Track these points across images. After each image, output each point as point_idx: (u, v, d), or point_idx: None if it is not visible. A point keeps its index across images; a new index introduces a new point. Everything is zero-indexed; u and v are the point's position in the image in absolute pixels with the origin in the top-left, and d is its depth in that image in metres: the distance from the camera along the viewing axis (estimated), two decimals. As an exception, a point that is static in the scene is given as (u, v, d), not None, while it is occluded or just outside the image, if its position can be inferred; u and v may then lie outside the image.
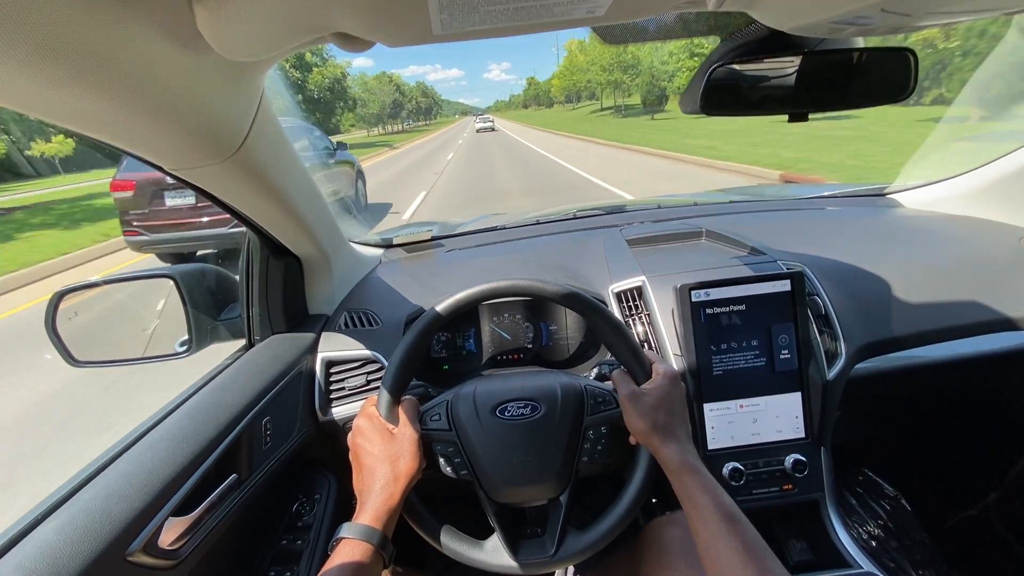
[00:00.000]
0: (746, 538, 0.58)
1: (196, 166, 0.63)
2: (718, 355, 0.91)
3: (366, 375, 1.00)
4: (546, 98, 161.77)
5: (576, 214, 1.55)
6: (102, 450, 0.68)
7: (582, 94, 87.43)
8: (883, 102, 0.69)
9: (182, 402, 0.80)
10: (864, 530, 1.39)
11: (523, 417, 0.76)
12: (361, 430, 0.74)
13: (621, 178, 10.22)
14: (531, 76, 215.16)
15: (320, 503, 0.98)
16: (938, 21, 0.49)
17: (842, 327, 0.97)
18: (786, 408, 0.91)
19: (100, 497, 0.59)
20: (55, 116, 0.45)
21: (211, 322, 0.97)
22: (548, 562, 0.73)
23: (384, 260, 1.36)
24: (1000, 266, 1.09)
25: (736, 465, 0.89)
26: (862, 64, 0.67)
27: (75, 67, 0.38)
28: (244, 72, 0.55)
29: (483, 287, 0.78)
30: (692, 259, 1.11)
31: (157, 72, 0.44)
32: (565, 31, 3.77)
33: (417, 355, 0.78)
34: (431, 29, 0.43)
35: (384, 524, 0.65)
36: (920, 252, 1.15)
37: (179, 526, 0.64)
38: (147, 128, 0.51)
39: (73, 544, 0.53)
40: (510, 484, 0.75)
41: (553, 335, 1.13)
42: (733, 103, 0.71)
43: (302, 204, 0.87)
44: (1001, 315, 1.02)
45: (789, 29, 0.52)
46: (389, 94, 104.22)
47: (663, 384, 0.74)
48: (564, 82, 78.97)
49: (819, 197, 1.62)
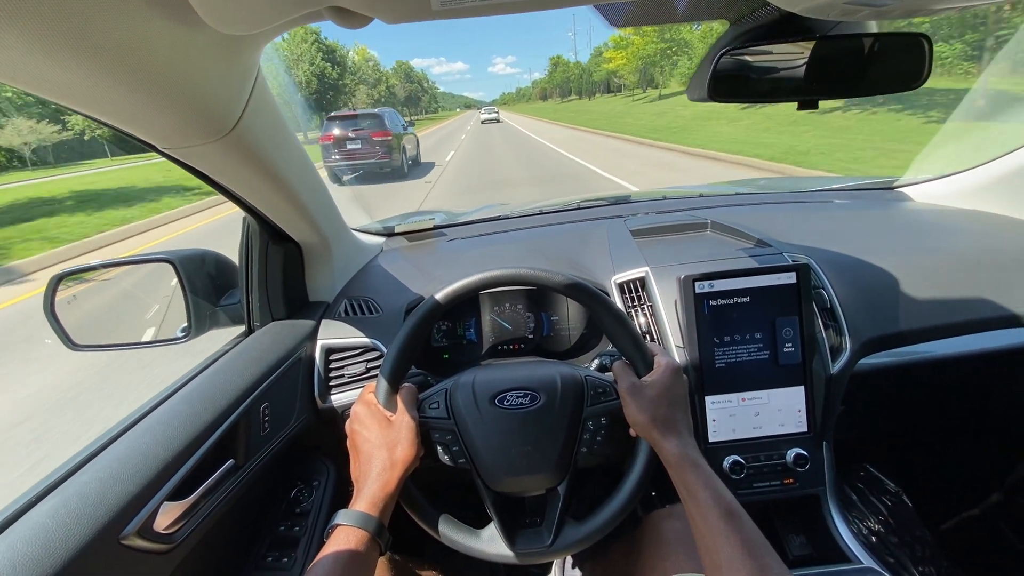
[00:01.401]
0: (745, 533, 0.58)
1: (190, 145, 0.62)
2: (721, 347, 0.90)
3: (365, 363, 1.00)
4: (585, 84, 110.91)
5: (580, 204, 1.54)
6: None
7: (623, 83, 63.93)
8: (896, 90, 0.67)
9: (180, 386, 0.79)
10: (864, 525, 1.39)
11: (522, 407, 0.75)
12: (359, 417, 0.74)
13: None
14: (557, 55, 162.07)
15: (318, 489, 0.98)
16: (955, 4, 0.47)
17: (847, 321, 0.96)
18: (789, 402, 0.90)
19: (95, 480, 0.59)
20: (44, 90, 0.44)
21: (210, 308, 0.97)
22: (545, 552, 0.73)
23: (386, 248, 1.35)
24: (1009, 262, 1.07)
25: (737, 458, 0.89)
26: (875, 51, 0.65)
27: (64, 39, 0.37)
28: (238, 47, 0.54)
29: (484, 275, 0.77)
30: (696, 250, 1.10)
31: (148, 46, 0.43)
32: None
33: (417, 343, 0.78)
34: (430, 5, 0.41)
35: (380, 511, 0.64)
36: (928, 246, 1.13)
37: (175, 510, 0.64)
38: (138, 105, 0.50)
39: (66, 527, 0.53)
40: (508, 473, 0.75)
41: (554, 325, 1.12)
42: (742, 90, 0.69)
43: (300, 188, 0.86)
44: (1008, 311, 1.01)
45: (801, 11, 0.50)
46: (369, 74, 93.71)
47: (665, 377, 0.73)
48: (631, 60, 49.22)
49: (827, 190, 1.59)
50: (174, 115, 0.55)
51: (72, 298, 0.90)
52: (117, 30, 0.40)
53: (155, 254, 0.93)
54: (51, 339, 0.87)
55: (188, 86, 0.52)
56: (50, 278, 0.87)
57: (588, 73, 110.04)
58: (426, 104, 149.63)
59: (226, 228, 8.04)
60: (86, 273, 0.94)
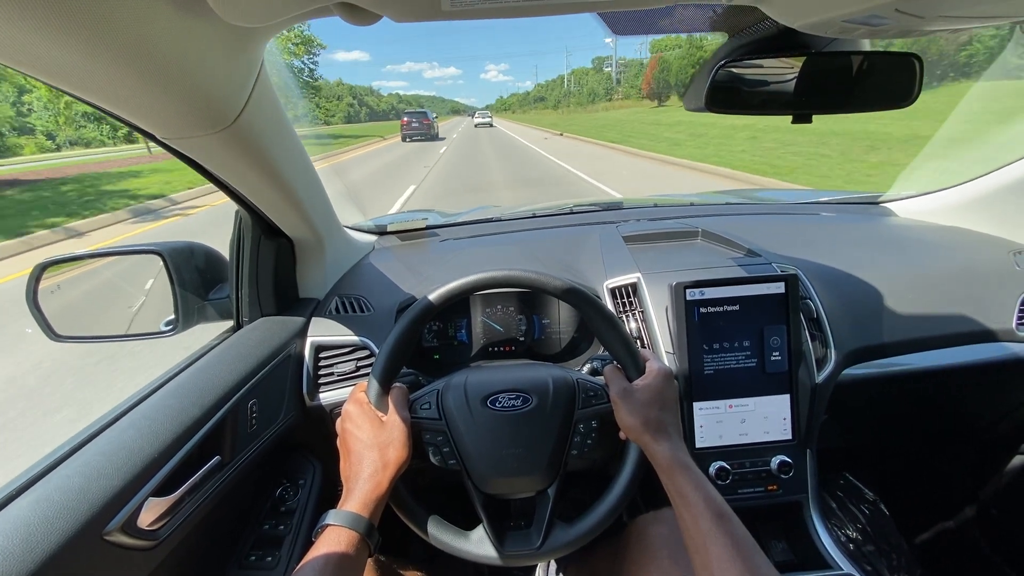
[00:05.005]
0: (736, 535, 0.58)
1: (189, 136, 0.62)
2: (710, 354, 0.91)
3: (355, 361, 0.99)
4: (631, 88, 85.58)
5: (573, 209, 1.54)
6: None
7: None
8: (887, 107, 0.69)
9: (166, 381, 0.78)
10: (843, 532, 1.41)
11: (514, 408, 0.76)
12: (350, 416, 0.73)
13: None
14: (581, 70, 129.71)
15: (304, 488, 0.97)
16: (949, 26, 0.49)
17: (832, 332, 0.97)
18: (774, 410, 0.92)
19: (78, 474, 0.57)
20: (41, 70, 0.43)
21: (199, 301, 0.95)
22: (533, 554, 0.73)
23: (378, 247, 1.35)
24: (988, 278, 1.10)
25: (723, 464, 0.90)
26: (868, 68, 0.67)
27: (66, 20, 0.37)
28: (244, 39, 0.54)
29: (478, 276, 0.77)
30: (688, 258, 1.11)
31: (152, 31, 0.43)
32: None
33: (409, 343, 0.77)
34: (440, 5, 0.42)
35: (371, 512, 0.64)
36: (911, 261, 1.16)
37: (159, 507, 0.63)
38: (139, 91, 0.50)
39: (48, 521, 0.52)
40: (498, 475, 0.75)
41: (546, 328, 1.12)
42: (738, 102, 0.70)
43: (297, 184, 0.85)
44: (984, 327, 1.04)
45: (800, 26, 0.51)
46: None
47: (656, 381, 0.74)
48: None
49: (815, 203, 1.62)
50: (175, 104, 0.54)
51: (56, 287, 0.88)
52: (121, 11, 0.39)
53: (143, 245, 0.91)
54: (32, 328, 0.85)
55: (191, 76, 0.51)
56: (34, 266, 0.85)
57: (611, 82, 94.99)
58: (363, 116, 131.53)
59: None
60: (72, 262, 0.92)
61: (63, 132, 27.14)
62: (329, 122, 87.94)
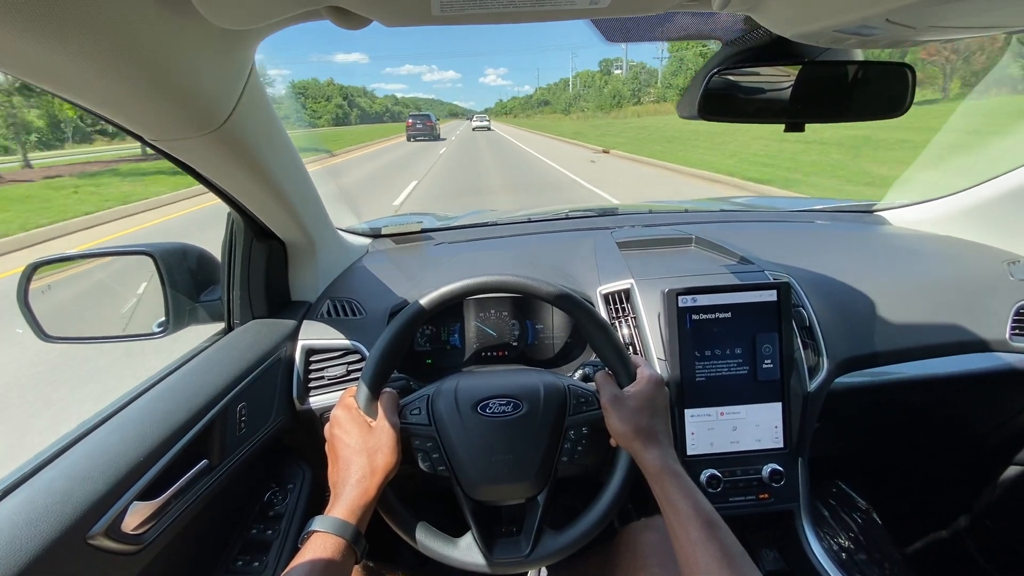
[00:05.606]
0: (725, 544, 0.58)
1: (178, 138, 0.61)
2: (702, 361, 0.91)
3: (346, 365, 0.98)
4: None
5: (568, 214, 1.54)
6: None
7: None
8: (879, 117, 0.69)
9: (154, 383, 0.77)
10: (835, 541, 1.41)
11: (504, 415, 0.75)
12: (339, 421, 0.72)
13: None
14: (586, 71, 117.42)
15: (293, 493, 0.96)
16: (941, 36, 0.49)
17: (825, 340, 0.97)
18: (766, 418, 0.91)
19: (62, 477, 0.57)
20: (23, 70, 0.42)
21: (190, 303, 0.95)
22: (522, 562, 0.72)
23: (371, 250, 1.34)
24: (980, 288, 1.10)
25: (714, 472, 0.90)
26: (861, 78, 0.67)
27: (54, 21, 0.36)
28: (233, 42, 0.53)
29: (470, 281, 0.77)
30: (681, 265, 1.11)
31: (139, 32, 0.42)
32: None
33: (399, 347, 0.77)
34: (431, 9, 0.42)
35: (358, 519, 0.63)
36: (904, 270, 1.16)
37: (144, 510, 0.62)
38: (127, 93, 0.50)
39: (31, 524, 0.51)
40: (488, 482, 0.74)
41: (539, 334, 1.12)
42: (731, 110, 0.71)
43: (288, 186, 0.85)
44: (978, 336, 1.04)
45: (792, 36, 0.51)
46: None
47: (647, 388, 0.74)
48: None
49: (808, 211, 1.63)
50: (162, 106, 0.54)
51: (47, 287, 0.88)
52: (108, 13, 0.39)
53: (135, 246, 0.91)
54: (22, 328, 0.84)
55: (178, 77, 0.51)
56: (25, 266, 0.85)
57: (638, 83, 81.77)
58: (354, 119, 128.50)
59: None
60: (63, 263, 0.92)
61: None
62: (315, 124, 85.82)
